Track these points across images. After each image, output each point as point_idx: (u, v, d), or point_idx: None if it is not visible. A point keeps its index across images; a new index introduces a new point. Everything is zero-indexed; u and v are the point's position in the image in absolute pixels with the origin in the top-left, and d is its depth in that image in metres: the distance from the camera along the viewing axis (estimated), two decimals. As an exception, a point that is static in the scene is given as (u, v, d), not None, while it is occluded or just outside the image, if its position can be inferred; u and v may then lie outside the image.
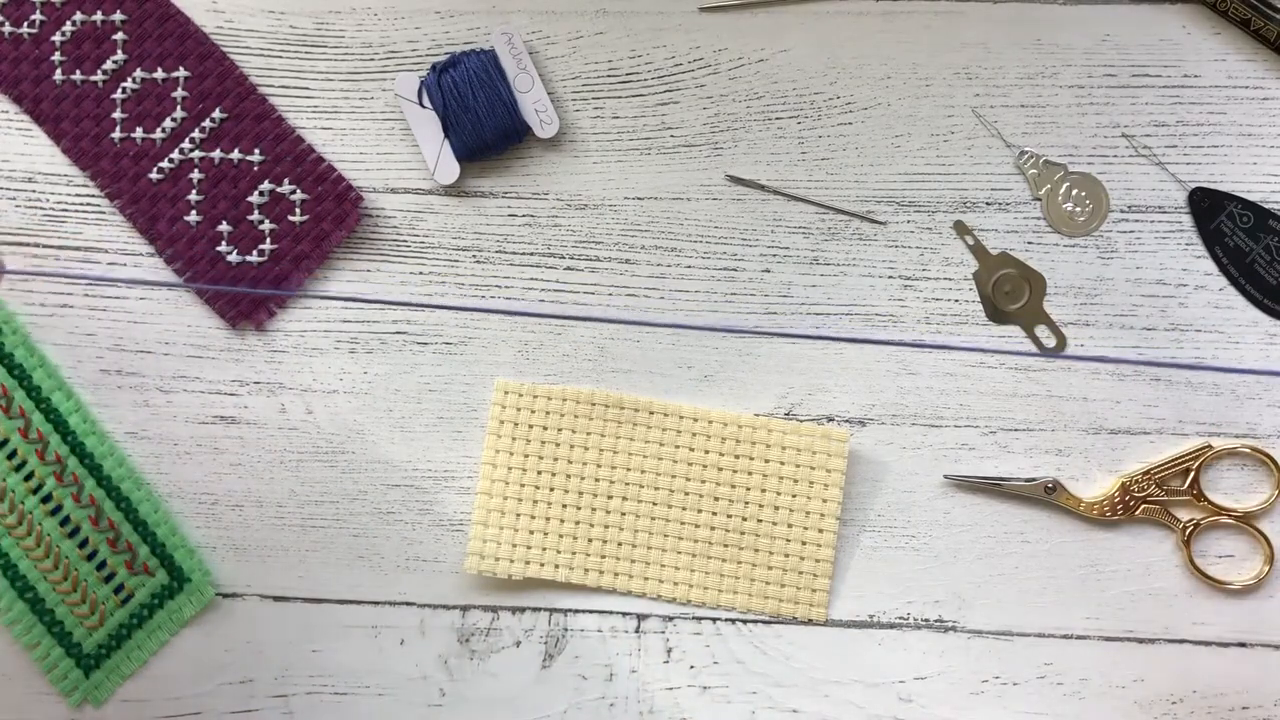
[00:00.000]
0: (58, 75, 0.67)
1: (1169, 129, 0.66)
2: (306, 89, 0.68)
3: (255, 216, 0.67)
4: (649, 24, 0.67)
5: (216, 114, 0.67)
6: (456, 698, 0.65)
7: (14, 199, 0.68)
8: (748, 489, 0.65)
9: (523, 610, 0.66)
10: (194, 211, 0.67)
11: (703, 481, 0.65)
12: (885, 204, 0.67)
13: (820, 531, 0.65)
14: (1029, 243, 0.66)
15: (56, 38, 0.67)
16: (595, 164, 0.67)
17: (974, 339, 0.66)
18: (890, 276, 0.66)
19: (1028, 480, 0.65)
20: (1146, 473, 0.65)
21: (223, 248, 0.67)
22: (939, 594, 0.65)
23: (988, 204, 0.66)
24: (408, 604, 0.66)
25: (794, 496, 0.65)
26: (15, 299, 0.67)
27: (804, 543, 0.65)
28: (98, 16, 0.67)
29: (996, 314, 0.66)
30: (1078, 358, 0.66)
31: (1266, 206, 0.65)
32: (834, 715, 0.64)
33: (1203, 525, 0.65)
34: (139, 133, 0.67)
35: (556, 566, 0.65)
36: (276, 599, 0.66)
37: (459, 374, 0.67)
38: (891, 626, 0.65)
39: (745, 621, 0.65)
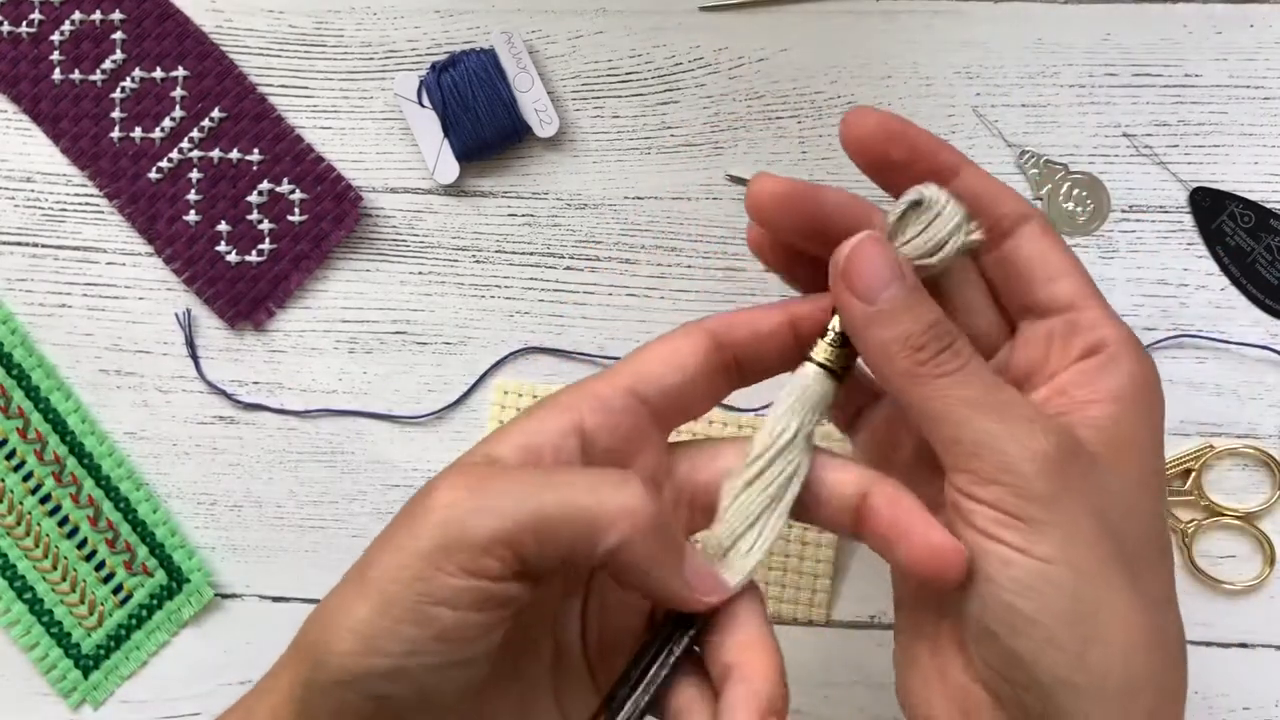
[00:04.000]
0: (56, 75, 0.67)
1: (1170, 128, 0.66)
2: (306, 89, 0.68)
3: (254, 216, 0.67)
4: (649, 23, 0.67)
5: (216, 113, 0.67)
6: (456, 698, 0.65)
7: (13, 199, 0.68)
8: (748, 489, 0.65)
9: (523, 611, 0.65)
10: (193, 211, 0.67)
11: (703, 482, 0.65)
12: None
13: (820, 531, 0.64)
14: (1030, 243, 0.66)
15: (55, 37, 0.67)
16: (595, 164, 0.67)
17: (974, 339, 0.66)
18: (891, 276, 0.66)
19: (1028, 480, 0.65)
20: (1147, 473, 0.64)
21: (222, 247, 0.67)
22: (939, 594, 0.65)
23: (988, 204, 0.66)
24: (407, 604, 0.66)
25: (794, 497, 0.65)
26: (15, 299, 0.67)
27: (804, 543, 0.65)
28: (96, 16, 0.67)
29: (997, 314, 0.66)
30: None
31: (1268, 206, 0.65)
32: (834, 716, 0.64)
33: (1203, 525, 0.64)
34: (138, 132, 0.67)
35: (556, 567, 0.65)
36: (276, 599, 0.66)
37: (459, 374, 0.67)
38: (893, 627, 0.65)
39: (745, 622, 0.65)
